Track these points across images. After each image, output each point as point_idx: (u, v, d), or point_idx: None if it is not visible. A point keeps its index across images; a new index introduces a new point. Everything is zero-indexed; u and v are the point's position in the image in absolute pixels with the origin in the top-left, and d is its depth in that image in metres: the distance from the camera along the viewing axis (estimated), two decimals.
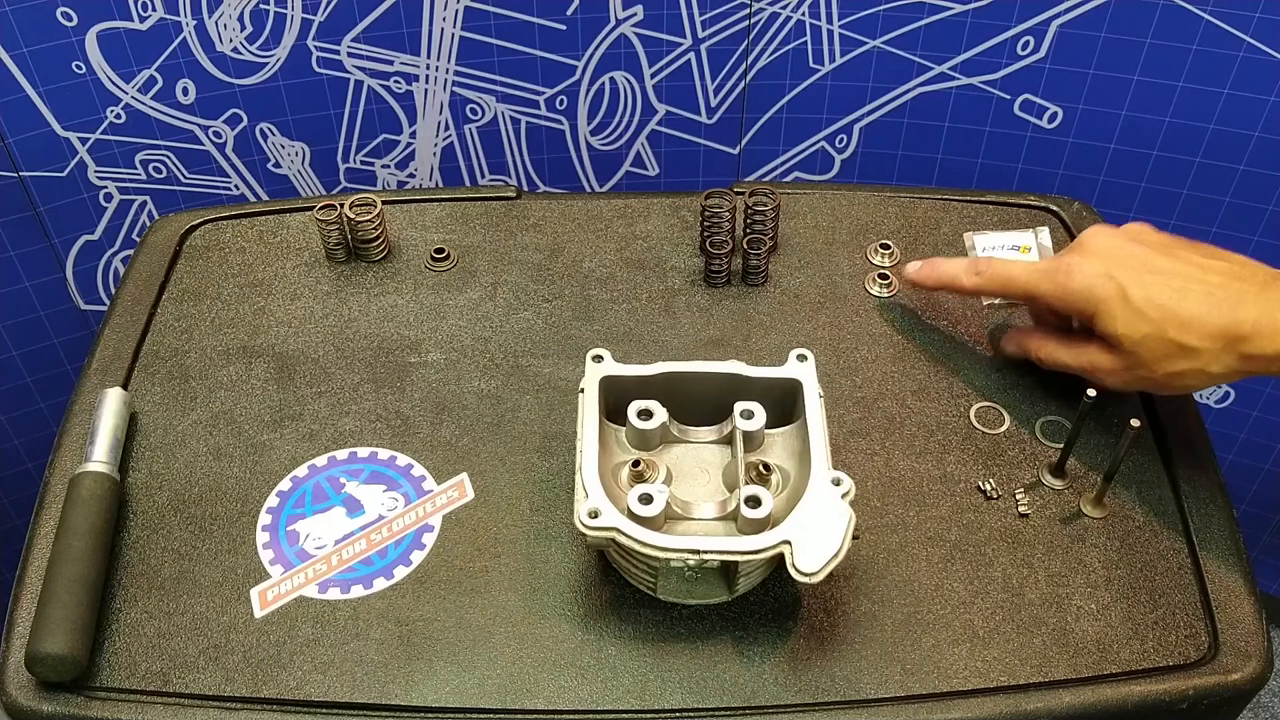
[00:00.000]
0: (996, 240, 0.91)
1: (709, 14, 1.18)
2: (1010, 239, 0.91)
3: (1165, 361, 0.70)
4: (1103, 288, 0.72)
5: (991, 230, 0.92)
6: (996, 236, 0.91)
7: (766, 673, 0.66)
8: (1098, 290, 0.72)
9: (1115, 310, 0.71)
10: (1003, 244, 0.90)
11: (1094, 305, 0.72)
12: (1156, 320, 0.70)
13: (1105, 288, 0.71)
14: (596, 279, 0.91)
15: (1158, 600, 0.70)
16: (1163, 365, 0.70)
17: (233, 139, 1.21)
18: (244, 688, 0.66)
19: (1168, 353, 0.70)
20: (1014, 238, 0.91)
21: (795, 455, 0.70)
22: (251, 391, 0.82)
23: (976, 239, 0.91)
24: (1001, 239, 0.91)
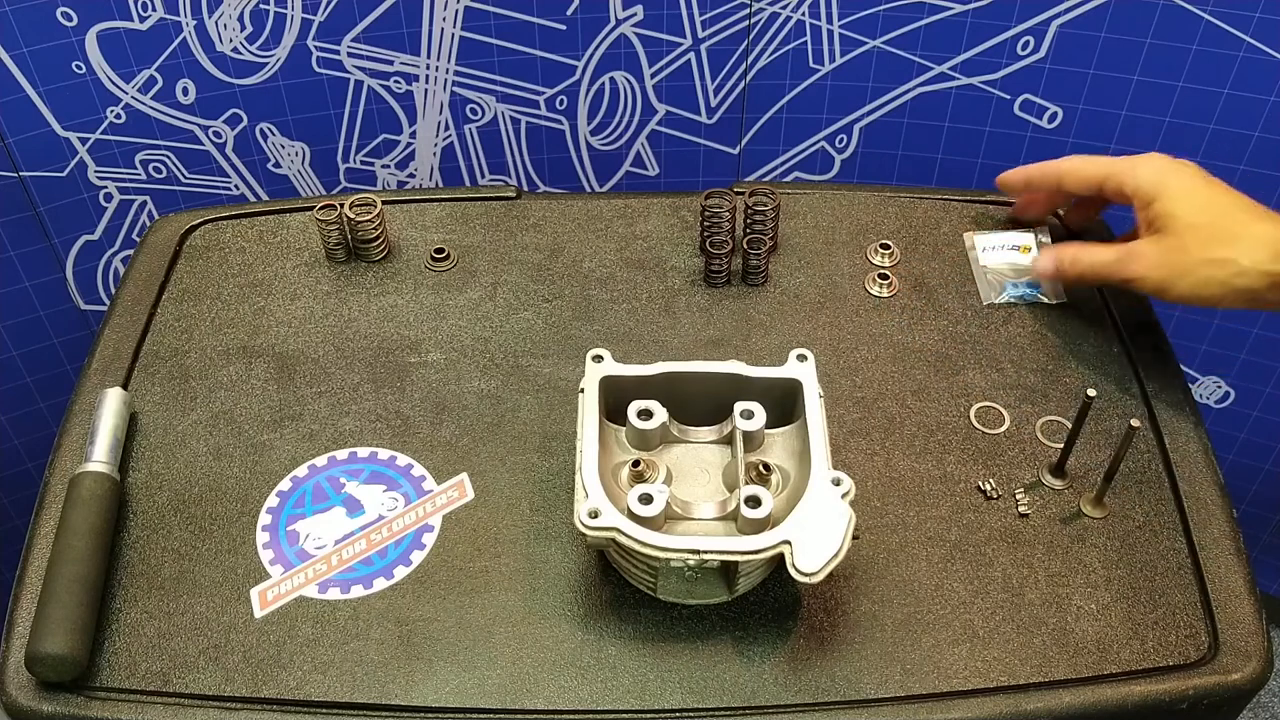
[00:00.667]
0: (996, 240, 0.92)
1: (709, 14, 1.18)
2: (1010, 239, 0.92)
3: (1207, 247, 0.76)
4: (1175, 174, 0.79)
5: (991, 231, 0.93)
6: (996, 236, 0.92)
7: (766, 673, 0.66)
8: (1169, 175, 0.79)
9: (1179, 193, 0.78)
10: (1003, 244, 0.91)
11: (1160, 188, 0.78)
12: (1214, 208, 0.77)
13: (1178, 174, 0.79)
14: (596, 279, 0.91)
15: (1158, 600, 0.70)
16: (1204, 250, 0.76)
17: (233, 139, 1.21)
18: (244, 688, 0.66)
19: (1213, 236, 0.76)
20: (1014, 238, 0.91)
21: (795, 455, 0.70)
22: (251, 391, 0.83)
23: (976, 239, 0.92)
24: (1001, 239, 0.92)
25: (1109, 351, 0.85)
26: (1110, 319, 0.87)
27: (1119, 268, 0.80)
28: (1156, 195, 0.78)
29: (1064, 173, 0.85)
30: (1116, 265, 0.80)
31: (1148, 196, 0.79)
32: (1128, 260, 0.79)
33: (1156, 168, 0.79)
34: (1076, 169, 0.85)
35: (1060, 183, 0.86)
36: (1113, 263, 0.80)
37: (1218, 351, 1.30)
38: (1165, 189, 0.78)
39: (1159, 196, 0.78)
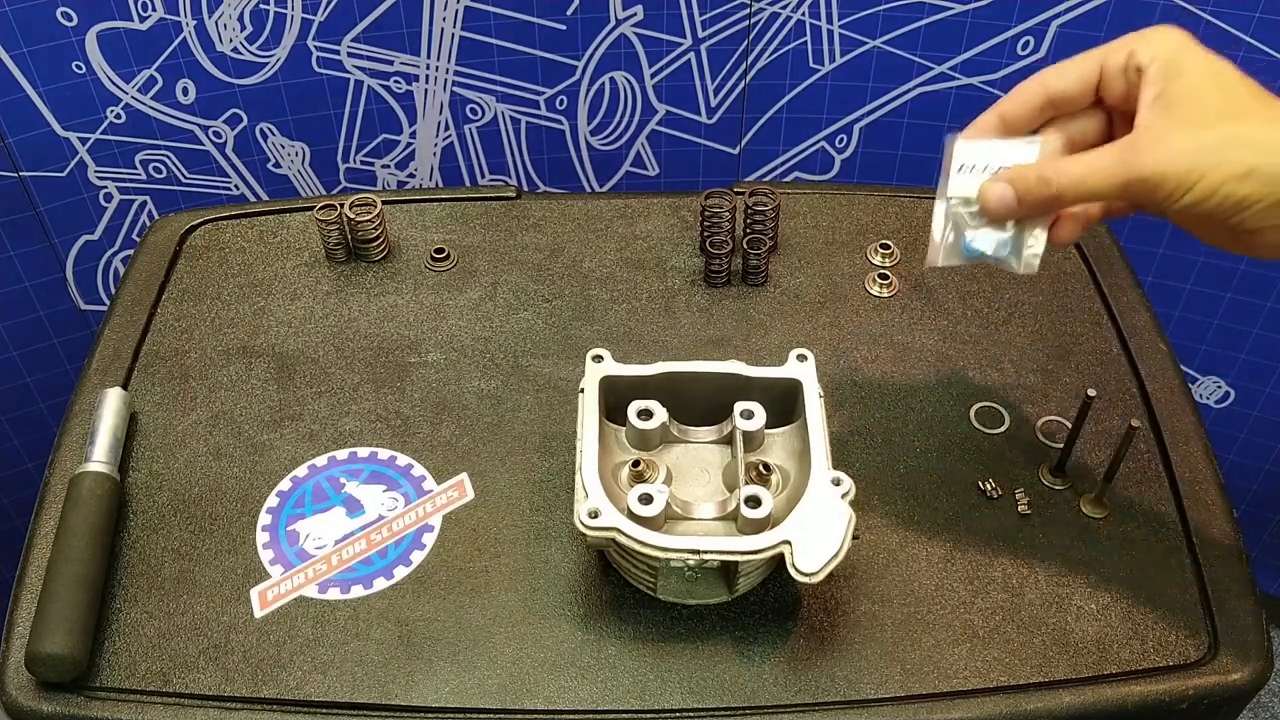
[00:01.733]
0: (983, 153, 0.64)
1: (709, 14, 1.18)
2: (1002, 152, 0.64)
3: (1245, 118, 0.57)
4: (1199, 48, 0.61)
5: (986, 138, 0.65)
6: (985, 149, 0.64)
7: (766, 673, 0.66)
8: (1195, 47, 0.60)
9: (1209, 65, 0.59)
10: (989, 159, 0.63)
11: (1185, 55, 0.60)
12: (1252, 86, 0.59)
13: (1201, 49, 0.61)
14: (596, 279, 0.91)
15: (1158, 600, 0.70)
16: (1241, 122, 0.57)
17: (233, 139, 1.21)
18: (244, 688, 0.66)
19: (1251, 110, 0.58)
20: (1007, 150, 0.64)
21: (795, 455, 0.70)
22: (251, 391, 0.82)
23: (958, 150, 0.65)
24: (990, 152, 0.64)
25: (1109, 351, 0.85)
26: (1110, 319, 0.87)
27: (1124, 166, 0.57)
28: (1182, 66, 0.59)
29: (1046, 79, 0.63)
30: (1120, 164, 0.58)
31: (1168, 67, 0.59)
32: (1137, 150, 0.57)
33: (1178, 38, 0.60)
34: (1061, 69, 0.63)
35: (1045, 93, 0.63)
36: (1114, 162, 0.58)
37: (1218, 351, 1.30)
38: (1190, 58, 0.59)
39: (1185, 68, 0.58)
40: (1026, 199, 0.61)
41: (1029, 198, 0.61)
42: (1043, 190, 0.60)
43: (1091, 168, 0.59)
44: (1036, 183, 0.60)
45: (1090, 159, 0.59)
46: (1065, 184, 0.59)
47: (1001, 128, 0.64)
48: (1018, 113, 0.64)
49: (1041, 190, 0.60)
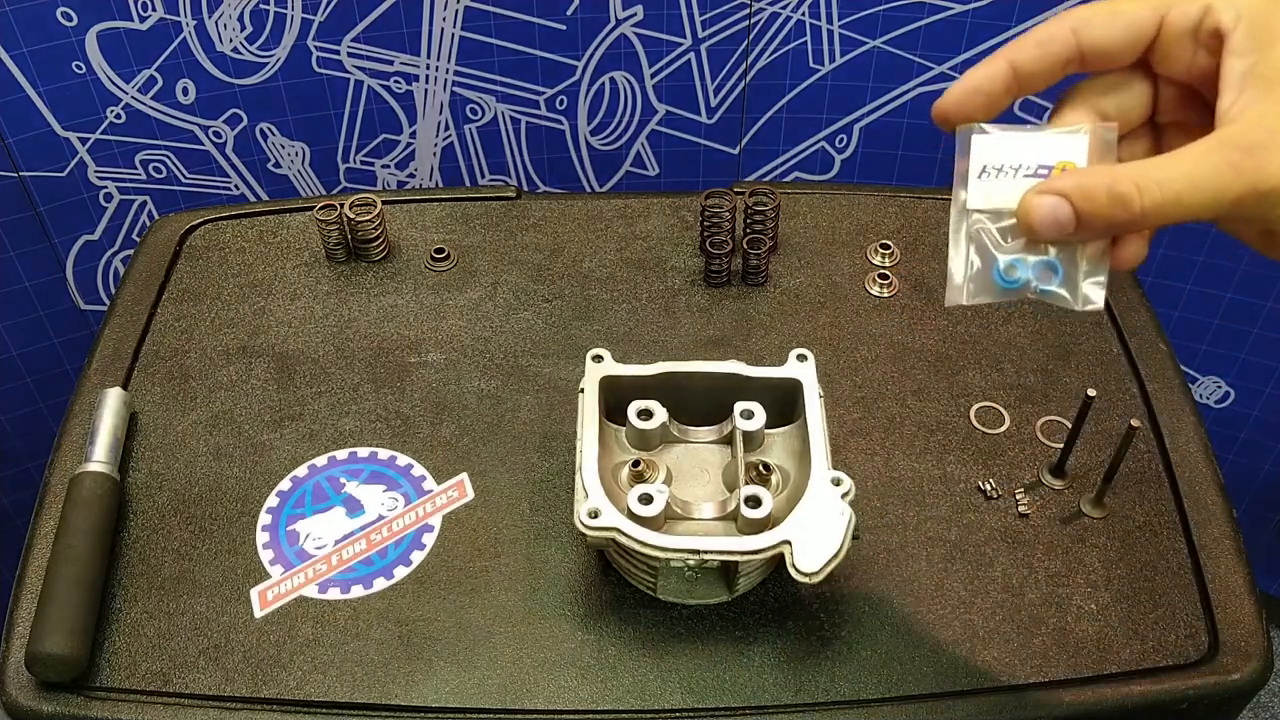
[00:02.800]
0: (1009, 150, 0.48)
1: (709, 14, 1.18)
2: (1035, 147, 0.48)
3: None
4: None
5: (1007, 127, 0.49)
6: (1011, 141, 0.48)
7: (766, 673, 0.66)
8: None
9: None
10: (1019, 160, 0.48)
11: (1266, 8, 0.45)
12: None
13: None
14: (596, 279, 0.91)
15: (1158, 600, 0.70)
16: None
17: (233, 139, 1.21)
18: (244, 688, 0.66)
19: None
20: (1043, 146, 0.48)
21: (795, 455, 0.70)
22: (251, 391, 0.82)
23: (975, 144, 0.49)
24: (1019, 147, 0.48)
25: (1109, 351, 0.85)
26: (1110, 319, 0.87)
27: (1238, 175, 0.43)
28: (1276, 32, 0.44)
29: (1081, 24, 0.47)
30: (1232, 172, 0.43)
31: (1262, 31, 0.44)
32: (1251, 152, 0.43)
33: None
34: (1105, 11, 0.47)
35: (1077, 42, 0.48)
36: (1223, 170, 0.43)
37: (1218, 351, 1.30)
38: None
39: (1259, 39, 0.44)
40: (1092, 220, 0.45)
41: (1096, 219, 0.45)
42: (1118, 211, 0.44)
43: (1192, 179, 0.43)
44: (1110, 200, 0.44)
45: (1186, 166, 0.43)
46: (1154, 204, 0.43)
47: (1011, 82, 0.48)
48: (1035, 65, 0.48)
49: (1116, 211, 0.44)
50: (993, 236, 0.48)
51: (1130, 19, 0.47)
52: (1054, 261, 0.47)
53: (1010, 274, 0.48)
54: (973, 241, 0.48)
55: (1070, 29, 0.47)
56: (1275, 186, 0.42)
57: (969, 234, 0.48)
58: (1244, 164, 0.42)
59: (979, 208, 0.48)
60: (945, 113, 0.50)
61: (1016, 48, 0.48)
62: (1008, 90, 0.49)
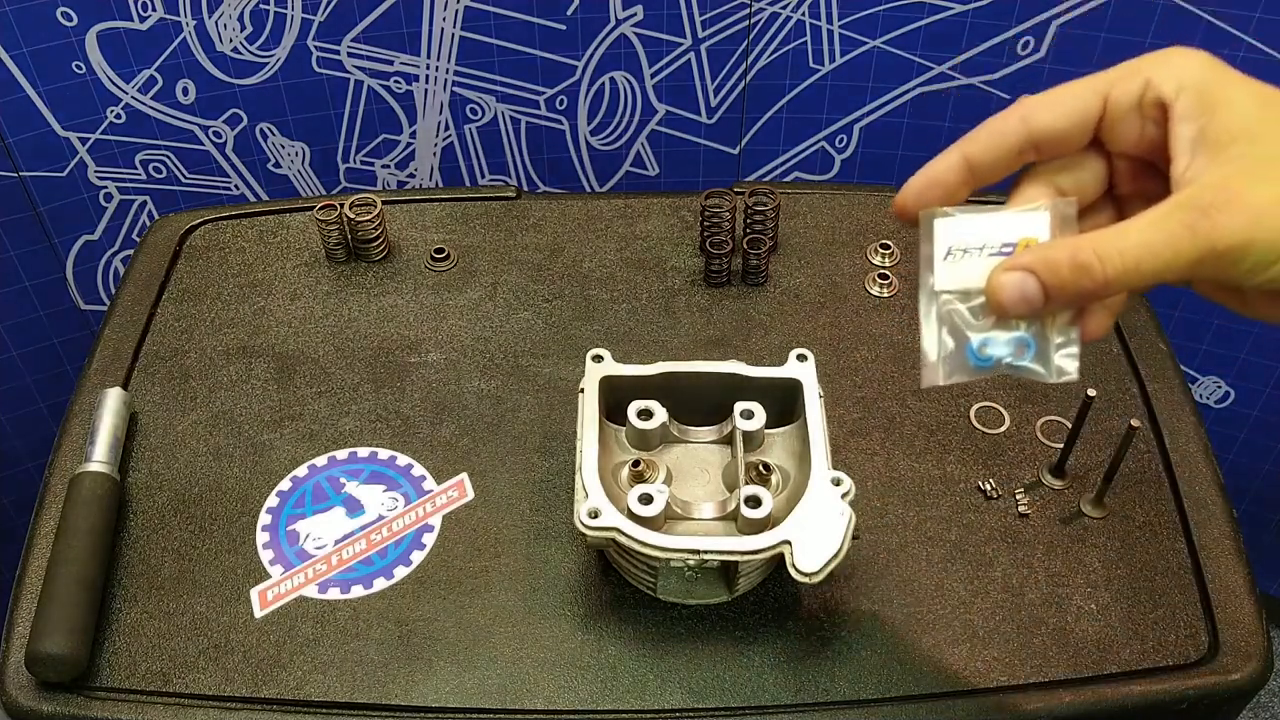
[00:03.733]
0: (972, 231, 0.49)
1: (709, 14, 1.18)
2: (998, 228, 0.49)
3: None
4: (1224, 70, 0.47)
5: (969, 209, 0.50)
6: (974, 223, 0.49)
7: (766, 673, 0.66)
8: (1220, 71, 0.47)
9: (1249, 92, 0.46)
10: (984, 239, 0.49)
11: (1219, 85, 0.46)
12: (1275, 97, 0.46)
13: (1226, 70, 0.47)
14: (596, 279, 0.91)
15: (1158, 600, 0.70)
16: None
17: (233, 139, 1.21)
18: (244, 688, 0.66)
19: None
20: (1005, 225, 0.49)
21: (795, 455, 0.70)
22: (251, 391, 0.82)
23: (938, 228, 0.50)
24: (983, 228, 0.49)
25: (1109, 351, 0.85)
26: None
27: (1195, 237, 0.43)
28: (1220, 95, 0.45)
29: (1029, 114, 0.49)
30: (1188, 235, 0.43)
31: (1203, 98, 0.45)
32: (1206, 213, 0.43)
33: (1202, 60, 0.47)
34: (1050, 101, 0.49)
35: (1027, 131, 0.49)
36: (1180, 233, 0.43)
37: (1218, 351, 1.30)
38: (1227, 83, 0.46)
39: (1225, 97, 0.45)
40: (1058, 292, 0.45)
41: (1062, 291, 0.45)
42: (1083, 281, 0.44)
43: (1150, 245, 0.43)
44: (1073, 271, 0.44)
45: (1144, 233, 0.44)
46: (1116, 271, 0.44)
47: (967, 174, 0.49)
48: (989, 156, 0.49)
49: (1081, 281, 0.44)
50: (963, 316, 0.49)
51: (1074, 103, 0.48)
52: (1026, 337, 0.48)
53: (983, 352, 0.49)
54: (944, 323, 0.49)
55: (1020, 119, 0.48)
56: (1232, 245, 0.43)
57: (940, 315, 0.49)
58: (1199, 225, 0.43)
59: (947, 289, 0.49)
60: (904, 206, 0.50)
61: (970, 140, 0.49)
62: (964, 183, 0.49)
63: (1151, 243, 0.44)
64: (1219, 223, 0.43)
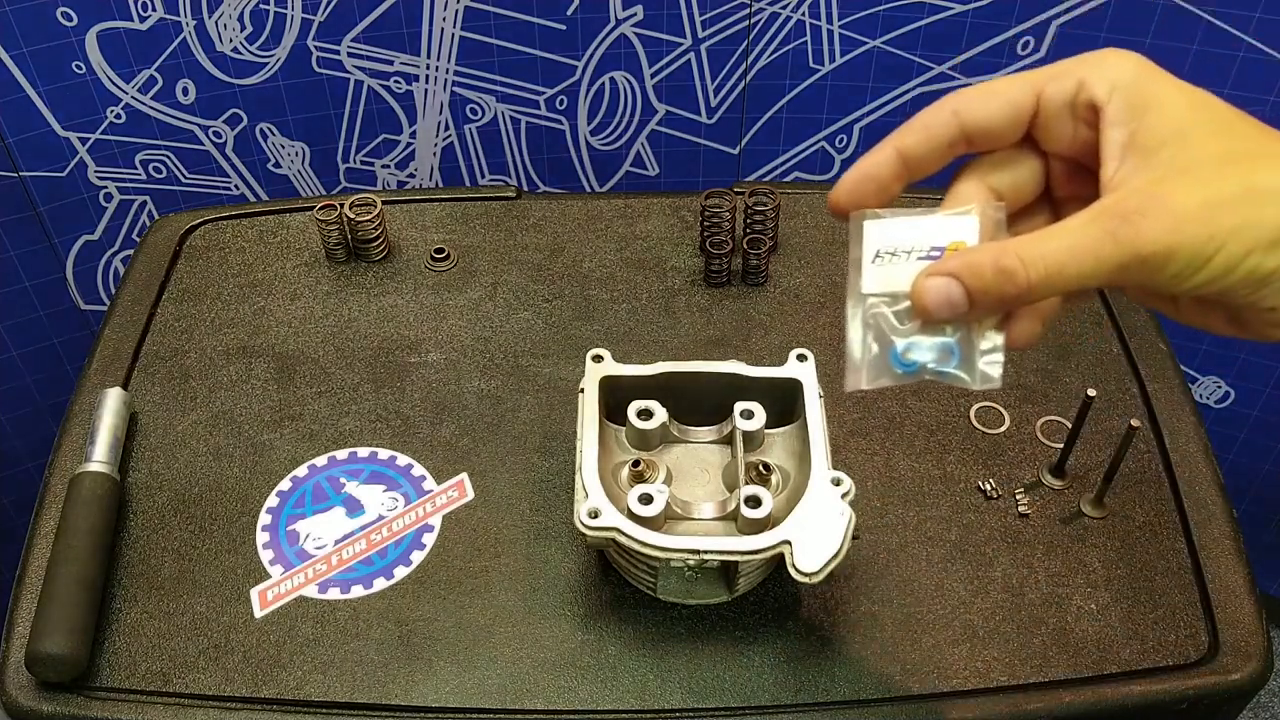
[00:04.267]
0: (900, 234, 0.48)
1: (709, 14, 1.18)
2: (925, 232, 0.48)
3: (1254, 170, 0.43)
4: (1158, 74, 0.46)
5: (899, 211, 0.49)
6: (901, 227, 0.48)
7: (766, 673, 0.66)
8: (1154, 75, 0.46)
9: (1181, 98, 0.45)
10: (912, 242, 0.48)
11: (1153, 87, 0.45)
12: (1231, 121, 0.45)
13: (1160, 74, 0.46)
14: (596, 279, 0.91)
15: (1158, 600, 0.70)
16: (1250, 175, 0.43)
17: (233, 139, 1.21)
18: (244, 688, 0.66)
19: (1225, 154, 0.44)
20: (933, 229, 0.48)
21: (795, 455, 0.70)
22: (251, 391, 0.82)
23: (868, 231, 0.49)
24: (911, 232, 0.48)
25: (1109, 351, 0.85)
26: (1110, 319, 0.87)
27: (1118, 243, 0.43)
28: (1151, 98, 0.45)
29: (962, 107, 0.48)
30: (1111, 241, 0.43)
31: (1134, 101, 0.45)
32: (1129, 219, 0.43)
33: (1136, 63, 0.46)
34: (983, 95, 0.48)
35: (959, 124, 0.48)
36: (1103, 239, 0.43)
37: (1218, 351, 1.30)
38: (1161, 87, 0.45)
39: (1156, 101, 0.44)
40: (982, 297, 0.45)
41: (986, 296, 0.45)
42: (1006, 286, 0.44)
43: (1073, 250, 0.43)
44: (996, 275, 0.44)
45: (1067, 238, 0.43)
46: (1039, 276, 0.43)
47: (900, 168, 0.49)
48: (922, 149, 0.48)
49: (1004, 286, 0.44)
50: (889, 321, 0.48)
51: (1007, 98, 0.47)
52: (951, 343, 0.47)
53: (907, 357, 0.48)
54: (870, 326, 0.48)
55: (951, 111, 0.48)
56: (1154, 252, 0.42)
57: (866, 319, 0.48)
58: (1122, 232, 0.42)
59: (874, 292, 0.48)
60: (838, 202, 0.50)
61: (901, 135, 0.49)
62: (897, 177, 0.49)
63: (1075, 248, 0.43)
64: (1141, 229, 0.42)
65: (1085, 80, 0.46)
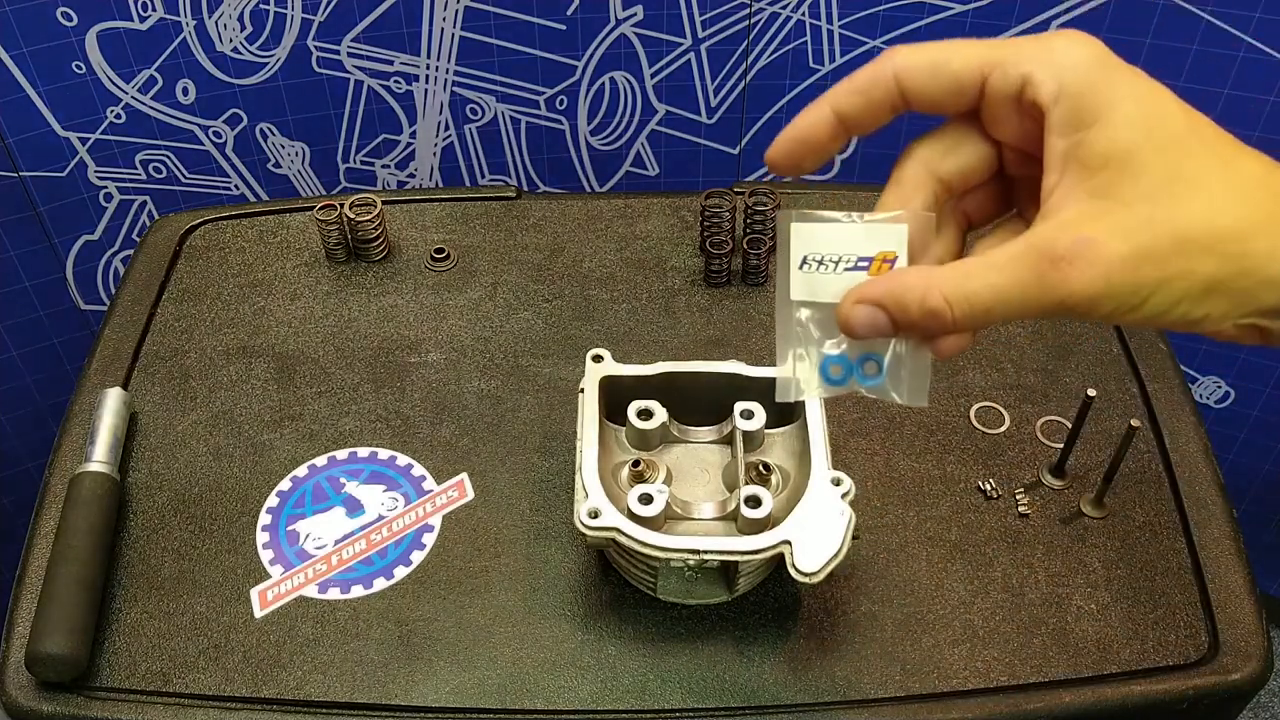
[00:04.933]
0: (827, 241, 0.47)
1: (709, 14, 1.18)
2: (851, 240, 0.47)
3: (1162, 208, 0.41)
4: (1118, 72, 0.42)
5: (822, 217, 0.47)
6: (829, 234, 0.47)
7: (766, 673, 0.66)
8: (1114, 73, 0.42)
9: (1139, 107, 0.41)
10: (839, 250, 0.47)
11: (1107, 92, 0.42)
12: (1165, 116, 0.42)
13: (1120, 72, 0.42)
14: (596, 279, 0.91)
15: (1158, 600, 0.70)
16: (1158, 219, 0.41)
17: (233, 139, 1.21)
18: (244, 688, 0.66)
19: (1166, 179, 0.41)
20: (861, 238, 0.46)
21: (795, 455, 0.70)
22: (251, 391, 0.82)
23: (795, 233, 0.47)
24: (838, 239, 0.47)
25: (1109, 351, 0.85)
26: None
27: (1044, 287, 0.41)
28: (1102, 105, 0.41)
29: (902, 66, 0.45)
30: (1037, 285, 0.41)
31: (1082, 106, 0.42)
32: (1057, 264, 0.41)
33: (1090, 55, 0.42)
34: (926, 60, 0.45)
35: (898, 87, 0.46)
36: (1029, 283, 0.42)
37: (1218, 351, 1.30)
38: (1113, 87, 0.42)
39: (1107, 108, 0.41)
40: (909, 328, 0.44)
41: (913, 328, 0.44)
42: (931, 323, 0.43)
43: (999, 292, 0.42)
44: (922, 315, 0.43)
45: (994, 277, 0.42)
46: (964, 315, 0.43)
47: (837, 128, 0.47)
48: (860, 113, 0.47)
49: (929, 323, 0.43)
50: (816, 330, 0.47)
51: (952, 77, 0.45)
52: (877, 357, 0.47)
53: (835, 373, 0.47)
54: (798, 336, 0.47)
55: (894, 76, 0.45)
56: (1082, 300, 0.41)
57: (794, 328, 0.47)
58: (1050, 277, 0.41)
59: (802, 299, 0.47)
60: (774, 163, 0.48)
61: (838, 95, 0.47)
62: (834, 137, 0.47)
63: (1000, 288, 0.42)
64: (1069, 276, 0.41)
65: (1031, 78, 0.43)
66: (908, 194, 0.47)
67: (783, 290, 0.47)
